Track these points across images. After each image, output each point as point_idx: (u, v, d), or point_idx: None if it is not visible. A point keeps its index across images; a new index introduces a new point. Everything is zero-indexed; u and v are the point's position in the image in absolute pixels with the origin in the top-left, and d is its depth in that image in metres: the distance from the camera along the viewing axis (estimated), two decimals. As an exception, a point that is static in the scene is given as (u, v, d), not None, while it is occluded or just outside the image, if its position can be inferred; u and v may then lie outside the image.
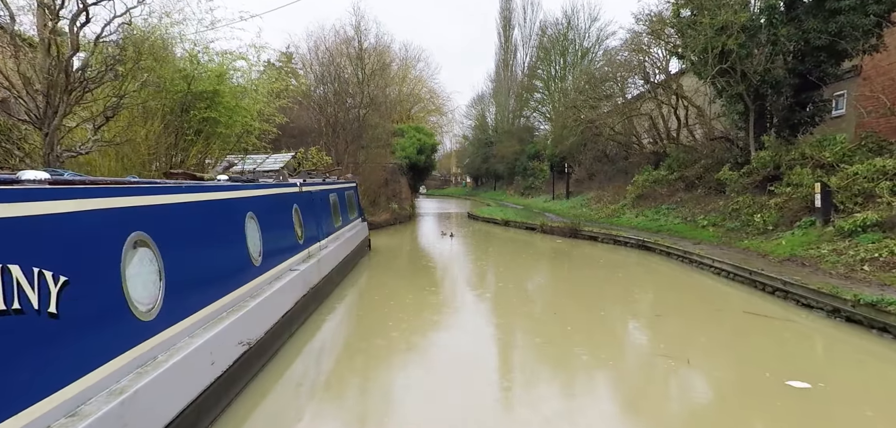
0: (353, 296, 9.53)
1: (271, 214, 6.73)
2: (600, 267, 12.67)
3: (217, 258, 4.87)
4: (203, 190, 4.87)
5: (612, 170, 26.53)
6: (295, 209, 7.86)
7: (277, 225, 6.95)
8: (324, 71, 20.56)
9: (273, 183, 7.50)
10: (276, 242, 6.68)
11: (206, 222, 4.80)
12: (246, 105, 11.30)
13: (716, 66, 13.42)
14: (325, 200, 10.30)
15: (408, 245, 18.27)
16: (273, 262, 6.40)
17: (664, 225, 16.27)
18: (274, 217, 6.84)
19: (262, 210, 6.26)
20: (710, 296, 9.13)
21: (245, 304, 5.15)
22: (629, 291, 10.07)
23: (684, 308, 8.23)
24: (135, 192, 3.78)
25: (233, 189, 5.64)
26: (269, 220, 6.51)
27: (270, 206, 6.72)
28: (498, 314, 8.32)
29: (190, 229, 4.40)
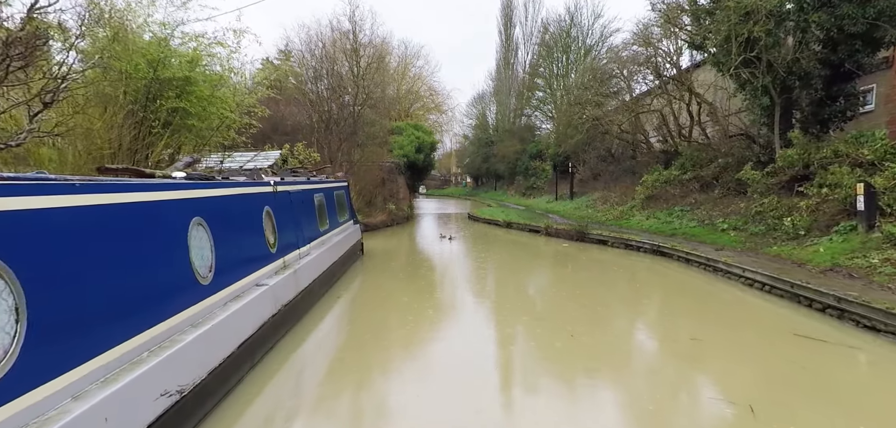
0: (340, 309, 8.31)
1: (231, 219, 5.50)
2: (614, 275, 11.44)
3: (137, 281, 3.64)
4: (120, 190, 3.65)
5: (618, 170, 25.31)
6: (266, 213, 6.64)
7: (239, 232, 5.72)
8: (317, 64, 19.32)
9: (239, 181, 6.27)
10: (236, 253, 5.46)
11: (121, 233, 3.57)
12: (223, 95, 10.07)
13: (740, 56, 12.18)
14: (308, 202, 9.08)
15: (404, 248, 17.05)
16: (231, 277, 5.18)
17: (679, 228, 15.04)
18: (235, 223, 5.62)
19: (215, 215, 5.03)
20: (747, 313, 7.90)
21: (178, 338, 3.92)
22: (651, 305, 8.84)
23: (722, 329, 7.00)
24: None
25: (173, 189, 4.41)
26: (226, 226, 5.28)
27: (229, 209, 5.49)
28: (502, 333, 7.09)
29: (87, 245, 3.17)
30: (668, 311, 8.33)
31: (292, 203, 7.90)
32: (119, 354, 3.27)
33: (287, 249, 7.28)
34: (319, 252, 8.94)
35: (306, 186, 9.13)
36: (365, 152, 21.31)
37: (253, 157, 15.46)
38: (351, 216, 13.14)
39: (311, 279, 7.91)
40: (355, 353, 6.38)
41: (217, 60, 10.30)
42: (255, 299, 5.45)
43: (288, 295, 6.61)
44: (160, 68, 8.93)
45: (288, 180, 8.20)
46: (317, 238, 9.31)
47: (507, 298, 9.39)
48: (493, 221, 23.48)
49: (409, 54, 43.82)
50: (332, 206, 11.17)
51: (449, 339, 7.01)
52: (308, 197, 9.11)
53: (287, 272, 6.84)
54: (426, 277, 11.54)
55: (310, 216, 9.07)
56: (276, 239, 6.82)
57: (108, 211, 3.44)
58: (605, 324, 7.52)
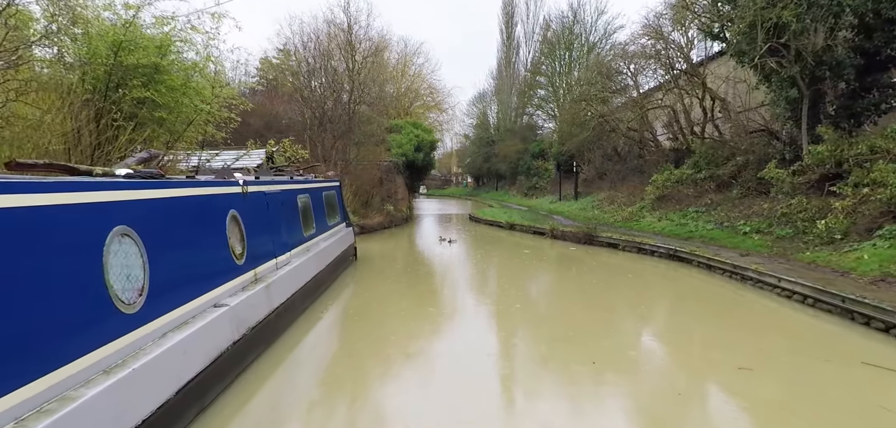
0: (325, 324, 7.24)
1: (178, 227, 4.42)
2: (631, 284, 10.36)
3: (10, 317, 2.57)
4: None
5: (625, 169, 24.21)
6: (232, 218, 5.56)
7: (191, 243, 4.65)
8: (311, 59, 18.21)
9: (197, 180, 5.19)
10: (184, 269, 4.38)
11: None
12: (198, 85, 8.99)
13: (766, 43, 11.07)
14: (289, 204, 7.99)
15: (402, 252, 15.97)
16: (174, 300, 4.11)
17: (695, 231, 13.94)
18: (184, 232, 4.54)
19: (152, 223, 3.96)
20: (794, 334, 6.81)
21: (75, 394, 2.84)
22: (679, 321, 7.74)
23: (770, 355, 5.90)
24: None
25: (86, 189, 3.33)
26: (170, 236, 4.21)
27: (175, 215, 4.41)
28: (509, 355, 6.01)
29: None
30: (701, 329, 7.23)
31: (268, 206, 6.82)
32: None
33: (260, 259, 6.20)
34: (303, 260, 7.86)
35: (288, 186, 8.04)
36: (361, 151, 20.22)
37: (240, 156, 14.40)
38: (343, 218, 12.06)
39: (289, 292, 6.83)
40: (339, 372, 5.32)
41: (191, 47, 9.23)
42: (207, 326, 4.36)
43: (257, 314, 5.53)
44: (123, 54, 7.86)
45: (264, 180, 7.12)
46: (300, 244, 8.22)
47: (513, 311, 8.31)
48: (496, 222, 22.39)
49: (409, 52, 42.74)
50: (321, 207, 10.09)
51: (449, 354, 5.94)
52: (290, 198, 8.02)
53: (258, 287, 5.76)
54: (424, 284, 10.45)
55: (292, 220, 7.99)
56: (244, 248, 5.74)
57: None
58: (630, 347, 6.42)
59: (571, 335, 6.67)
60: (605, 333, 6.95)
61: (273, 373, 5.32)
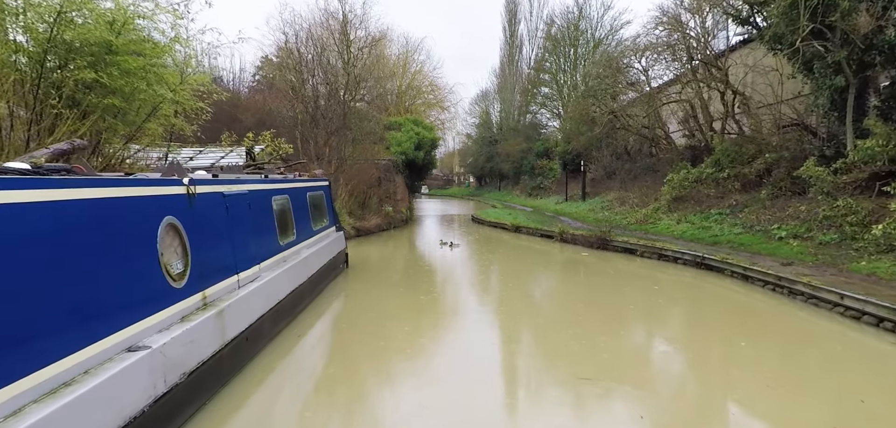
0: (299, 355, 5.92)
1: (69, 244, 3.11)
2: (656, 298, 9.02)
3: None
4: None
5: (636, 168, 22.82)
6: (168, 227, 4.24)
7: (92, 265, 3.32)
8: (300, 46, 16.84)
9: (112, 179, 3.87)
10: (73, 304, 3.06)
11: None
12: (159, 70, 7.67)
13: (808, 26, 9.71)
14: (261, 207, 6.67)
15: (399, 257, 14.65)
16: (50, 352, 2.79)
17: (721, 235, 12.56)
18: (80, 250, 3.21)
19: (24, 240, 2.65)
20: (880, 371, 5.46)
21: None
22: (729, 353, 6.39)
23: (852, 402, 4.55)
24: None
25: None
26: (53, 258, 2.90)
27: (66, 228, 3.09)
28: (522, 393, 4.68)
29: None
30: (760, 365, 5.88)
31: (229, 210, 5.49)
32: None
33: (212, 278, 4.87)
34: (277, 273, 6.55)
35: (259, 186, 6.70)
36: (358, 149, 18.90)
37: (227, 153, 13.11)
38: (332, 222, 10.74)
39: (255, 315, 5.51)
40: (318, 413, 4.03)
41: (154, 25, 7.90)
42: (106, 384, 3.04)
43: (200, 352, 4.21)
44: (62, 27, 6.56)
45: (226, 178, 5.79)
46: (275, 254, 6.91)
47: (523, 331, 6.97)
48: (500, 223, 21.06)
49: (410, 48, 41.38)
50: (304, 210, 8.77)
51: (447, 389, 4.62)
52: (261, 200, 6.70)
53: (205, 315, 4.44)
54: (422, 296, 9.11)
55: (263, 226, 6.67)
56: (187, 265, 4.42)
57: None
58: (679, 389, 5.08)
59: (596, 371, 5.33)
60: (641, 366, 5.60)
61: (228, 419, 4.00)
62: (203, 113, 9.03)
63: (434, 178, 68.91)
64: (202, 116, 9.06)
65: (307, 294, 7.97)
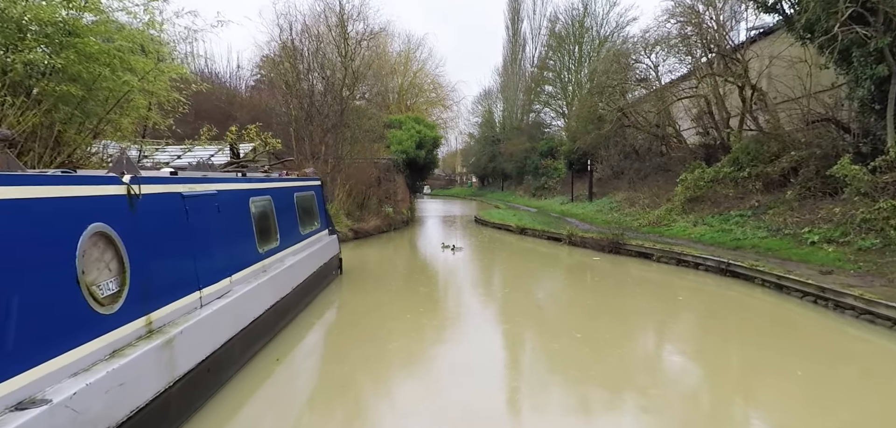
0: (277, 382, 5.00)
1: None
2: (680, 310, 8.08)
3: None
4: None
5: (645, 167, 21.83)
6: (96, 237, 3.32)
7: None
8: (295, 37, 15.87)
9: (18, 175, 2.96)
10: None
11: None
12: (123, 54, 6.75)
13: (849, 9, 8.73)
14: (234, 210, 5.76)
15: (398, 262, 13.74)
16: None
17: (744, 239, 11.59)
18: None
19: None
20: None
21: None
22: (773, 368, 5.43)
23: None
24: None
25: None
26: None
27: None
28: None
29: None
30: (822, 405, 4.91)
31: (188, 214, 4.57)
32: None
33: (160, 298, 3.96)
34: (253, 286, 5.63)
35: (232, 186, 5.78)
36: (356, 147, 17.98)
37: (218, 151, 12.20)
38: (324, 224, 9.82)
39: (218, 342, 4.59)
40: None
41: (120, 2, 7.00)
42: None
43: (133, 399, 3.30)
44: (8, 1, 5.66)
45: (185, 177, 4.86)
46: (253, 263, 5.99)
47: (534, 351, 6.03)
48: (504, 225, 20.11)
49: (412, 45, 40.44)
50: (290, 213, 7.86)
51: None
52: (235, 202, 5.78)
53: (146, 347, 3.52)
54: (421, 307, 8.16)
55: (237, 232, 5.75)
56: (124, 284, 3.51)
57: None
58: (705, 406, 4.14)
59: (616, 393, 4.38)
60: (668, 388, 4.66)
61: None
62: (180, 106, 8.10)
63: (436, 179, 67.98)
64: (179, 109, 8.12)
65: (293, 307, 7.06)
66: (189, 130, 11.56)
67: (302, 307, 7.49)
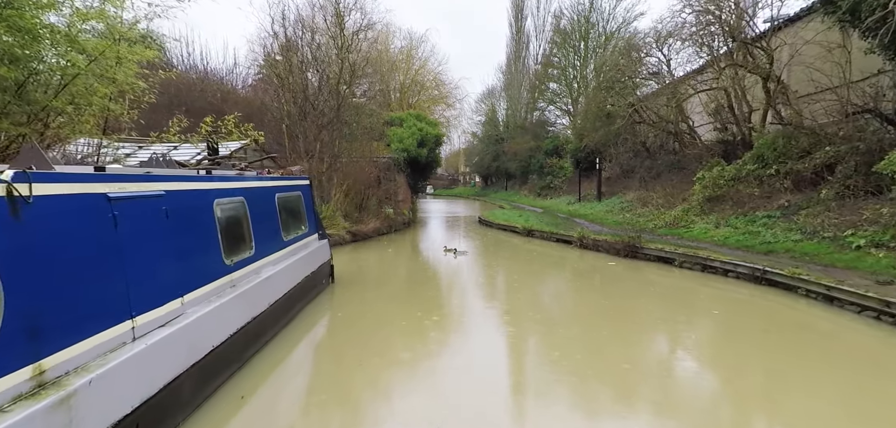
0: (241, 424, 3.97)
1: None
2: (718, 327, 6.98)
3: None
4: None
5: (657, 165, 20.71)
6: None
7: None
8: (287, 26, 14.80)
9: None
10: None
11: None
12: (68, 29, 5.72)
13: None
14: (193, 216, 4.72)
15: (397, 266, 12.69)
16: None
17: (775, 243, 10.49)
18: None
19: None
20: None
21: None
22: (835, 398, 4.35)
23: None
24: None
25: None
26: None
27: None
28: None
29: None
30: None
31: (116, 222, 3.53)
32: None
33: (62, 337, 2.92)
34: (215, 306, 4.60)
35: (188, 186, 4.72)
36: (354, 145, 16.94)
37: (202, 151, 11.19)
38: (313, 229, 8.78)
39: (155, 386, 3.55)
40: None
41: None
42: None
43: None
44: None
45: (115, 174, 3.82)
46: (216, 278, 4.95)
47: (551, 375, 4.97)
48: (510, 226, 19.04)
49: (414, 41, 39.39)
50: (270, 216, 6.82)
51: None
52: (191, 206, 4.73)
53: (32, 409, 2.48)
54: (423, 319, 7.10)
55: (195, 241, 4.71)
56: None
57: None
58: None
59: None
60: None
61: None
62: (147, 96, 7.06)
63: (439, 178, 66.99)
64: (145, 99, 7.08)
65: (270, 326, 6.03)
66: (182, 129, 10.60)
67: (282, 325, 6.46)
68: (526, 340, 6.46)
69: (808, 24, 12.96)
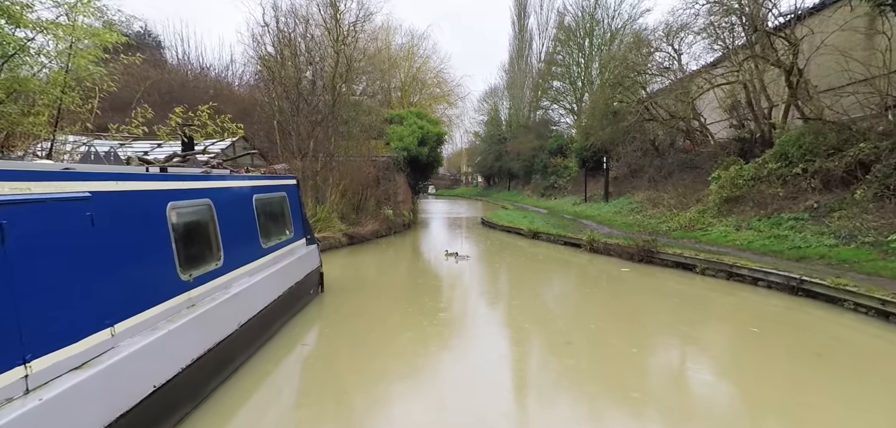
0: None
1: None
2: (755, 344, 6.02)
3: None
4: None
5: (667, 164, 19.71)
6: None
7: None
8: (279, 16, 13.87)
9: None
10: None
11: None
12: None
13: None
14: (133, 224, 3.81)
15: (394, 272, 11.77)
16: None
17: (806, 247, 9.52)
18: None
19: None
20: None
21: None
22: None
23: None
24: None
25: None
26: None
27: None
28: None
29: None
30: None
31: (3, 239, 2.61)
32: None
33: None
34: (159, 336, 3.68)
35: (120, 186, 3.78)
36: (351, 143, 16.02)
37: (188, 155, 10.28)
38: (300, 233, 7.86)
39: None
40: None
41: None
42: None
43: None
44: None
45: (10, 170, 2.91)
46: (166, 298, 4.03)
47: (567, 401, 4.04)
48: (514, 228, 18.09)
49: (415, 38, 38.45)
50: (246, 221, 5.90)
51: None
52: (131, 211, 3.82)
53: None
54: (414, 342, 6.17)
55: (133, 256, 3.78)
56: None
57: None
58: None
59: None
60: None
61: None
62: (106, 84, 6.13)
63: (441, 178, 66.07)
64: (105, 88, 6.16)
65: (241, 350, 5.11)
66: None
67: (257, 346, 5.54)
68: (537, 364, 5.52)
69: (836, 10, 11.99)
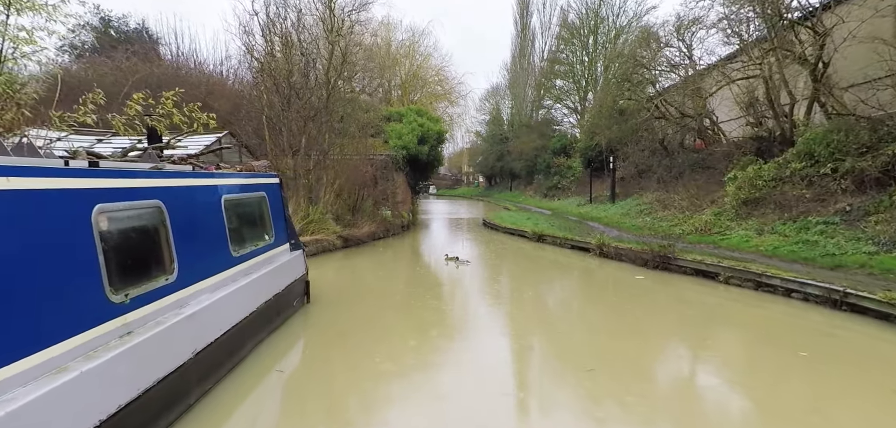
0: None
1: None
2: (807, 370, 5.11)
3: None
4: None
5: (677, 164, 18.78)
6: None
7: None
8: (269, 6, 12.96)
9: None
10: None
11: None
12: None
13: None
14: (37, 235, 2.91)
15: (391, 279, 10.88)
16: None
17: (841, 254, 8.60)
18: None
19: None
20: None
21: None
22: None
23: None
24: None
25: None
26: None
27: None
28: None
29: None
30: None
31: None
32: None
33: None
34: (72, 378, 2.81)
35: (19, 184, 2.89)
36: (347, 141, 15.15)
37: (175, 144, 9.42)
38: (282, 238, 6.97)
39: None
40: None
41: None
42: None
43: None
44: None
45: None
46: (90, 326, 3.15)
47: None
48: (518, 230, 17.19)
49: (416, 34, 37.56)
50: (214, 225, 5.02)
51: None
52: (35, 219, 2.93)
53: None
54: (412, 354, 5.28)
55: (37, 280, 2.89)
56: None
57: None
58: None
59: None
60: None
61: None
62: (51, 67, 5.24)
63: (442, 178, 65.26)
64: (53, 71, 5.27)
65: (196, 383, 4.21)
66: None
67: (216, 379, 4.63)
68: (552, 393, 4.61)
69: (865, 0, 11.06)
